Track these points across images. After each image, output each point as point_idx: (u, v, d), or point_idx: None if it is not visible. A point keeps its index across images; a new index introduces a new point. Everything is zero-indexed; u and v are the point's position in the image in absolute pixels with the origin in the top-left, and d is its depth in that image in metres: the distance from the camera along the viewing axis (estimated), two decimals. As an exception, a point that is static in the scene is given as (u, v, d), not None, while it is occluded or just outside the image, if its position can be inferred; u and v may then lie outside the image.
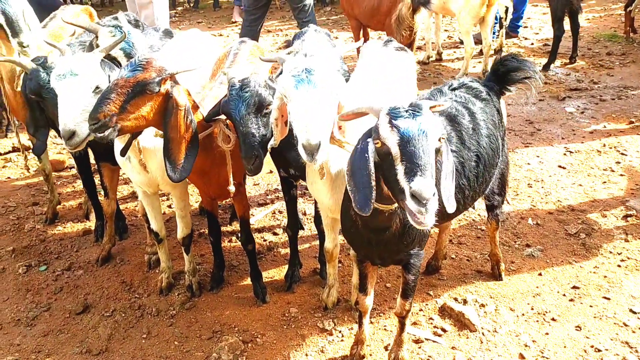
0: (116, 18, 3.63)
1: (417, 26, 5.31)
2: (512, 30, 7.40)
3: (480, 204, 3.57)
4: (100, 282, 3.33)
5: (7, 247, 3.66)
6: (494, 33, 6.60)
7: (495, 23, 6.60)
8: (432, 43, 6.82)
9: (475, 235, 3.59)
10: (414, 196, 1.65)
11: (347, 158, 2.01)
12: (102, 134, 2.14)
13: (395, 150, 1.73)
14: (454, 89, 2.56)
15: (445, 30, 7.81)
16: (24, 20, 2.85)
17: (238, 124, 2.30)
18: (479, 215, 3.75)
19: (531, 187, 4.09)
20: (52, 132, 3.34)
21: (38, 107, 2.84)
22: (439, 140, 1.77)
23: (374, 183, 1.83)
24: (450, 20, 8.23)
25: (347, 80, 3.01)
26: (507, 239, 3.52)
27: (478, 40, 6.53)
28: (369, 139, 1.85)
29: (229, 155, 2.59)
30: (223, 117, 2.50)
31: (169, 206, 4.08)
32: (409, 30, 5.32)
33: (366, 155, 1.84)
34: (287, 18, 9.05)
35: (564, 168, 4.32)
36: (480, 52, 6.46)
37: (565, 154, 4.53)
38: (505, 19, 6.79)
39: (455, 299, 3.04)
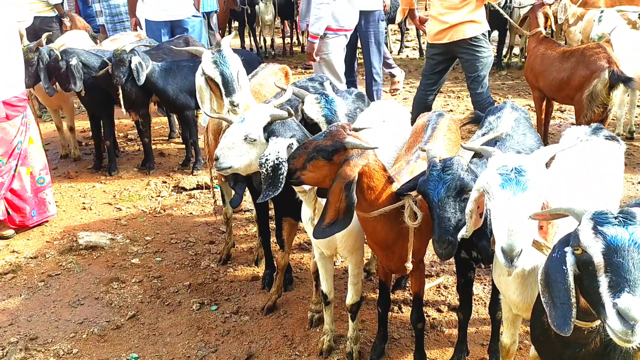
0: (312, 79, 3.84)
1: (613, 104, 4.89)
2: None
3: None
4: (264, 332, 3.41)
5: (184, 282, 3.93)
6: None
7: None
8: (624, 119, 6.26)
9: (676, 354, 3.09)
10: (619, 314, 1.47)
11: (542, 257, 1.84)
12: (291, 181, 2.44)
13: (598, 260, 1.55)
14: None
15: (639, 107, 7.14)
16: (237, 81, 3.10)
17: (435, 206, 2.22)
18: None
19: None
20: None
21: (239, 162, 3.04)
22: None
23: (574, 300, 1.64)
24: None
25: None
26: None
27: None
28: (567, 248, 1.67)
29: (412, 232, 2.53)
30: (413, 192, 2.46)
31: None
32: (602, 108, 4.92)
33: (564, 267, 1.66)
34: (460, 80, 8.93)
35: None
36: (682, 135, 5.79)
37: None
38: None
39: None
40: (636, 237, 1.52)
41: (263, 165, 2.44)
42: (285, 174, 2.41)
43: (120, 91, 5.22)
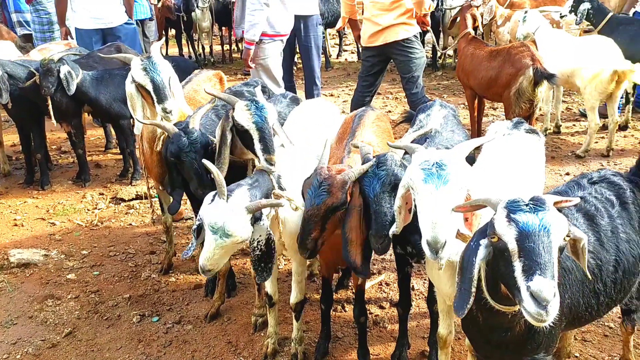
0: (247, 84, 3.84)
1: (538, 99, 5.12)
2: (639, 106, 6.97)
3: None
4: (207, 339, 3.38)
5: (124, 294, 3.83)
6: (619, 108, 6.24)
7: (621, 98, 6.23)
8: (551, 114, 6.57)
9: (603, 333, 3.27)
10: (532, 296, 1.56)
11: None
12: (317, 250, 2.38)
13: (512, 246, 1.64)
14: (593, 183, 2.39)
15: (564, 102, 7.52)
16: (169, 88, 3.07)
17: (371, 202, 2.28)
18: (606, 310, 3.43)
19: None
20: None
21: (176, 168, 3.07)
22: (564, 239, 1.66)
23: (474, 290, 1.77)
24: (569, 91, 7.91)
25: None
26: (640, 341, 3.18)
27: (601, 114, 6.20)
28: (482, 240, 1.77)
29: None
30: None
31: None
32: (529, 103, 5.15)
33: (473, 259, 1.77)
34: (397, 81, 9.11)
35: None
36: (604, 127, 6.12)
37: None
38: (633, 94, 6.43)
39: (581, 406, 2.76)
40: (545, 222, 1.62)
41: (257, 248, 2.43)
42: (274, 242, 2.45)
43: (49, 102, 5.04)
